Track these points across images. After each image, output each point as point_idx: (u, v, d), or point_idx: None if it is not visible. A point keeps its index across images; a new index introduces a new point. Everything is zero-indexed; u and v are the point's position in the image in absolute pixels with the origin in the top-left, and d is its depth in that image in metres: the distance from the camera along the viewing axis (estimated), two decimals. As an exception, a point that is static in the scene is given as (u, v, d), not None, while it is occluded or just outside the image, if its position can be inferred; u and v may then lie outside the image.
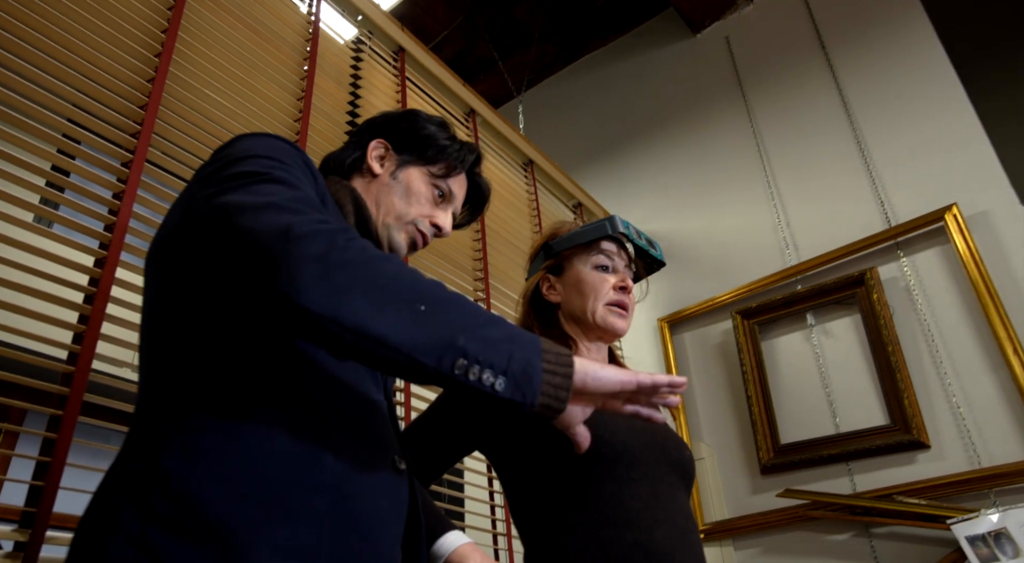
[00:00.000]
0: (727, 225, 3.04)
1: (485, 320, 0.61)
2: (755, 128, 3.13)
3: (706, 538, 2.56)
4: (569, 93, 4.01)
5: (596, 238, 1.17)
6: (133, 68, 1.42)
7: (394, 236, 0.95)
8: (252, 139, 0.76)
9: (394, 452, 0.77)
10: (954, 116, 2.62)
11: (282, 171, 0.69)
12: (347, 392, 0.73)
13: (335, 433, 0.69)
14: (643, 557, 0.92)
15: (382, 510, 0.71)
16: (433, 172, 1.00)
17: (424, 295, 0.59)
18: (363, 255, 0.59)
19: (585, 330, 1.15)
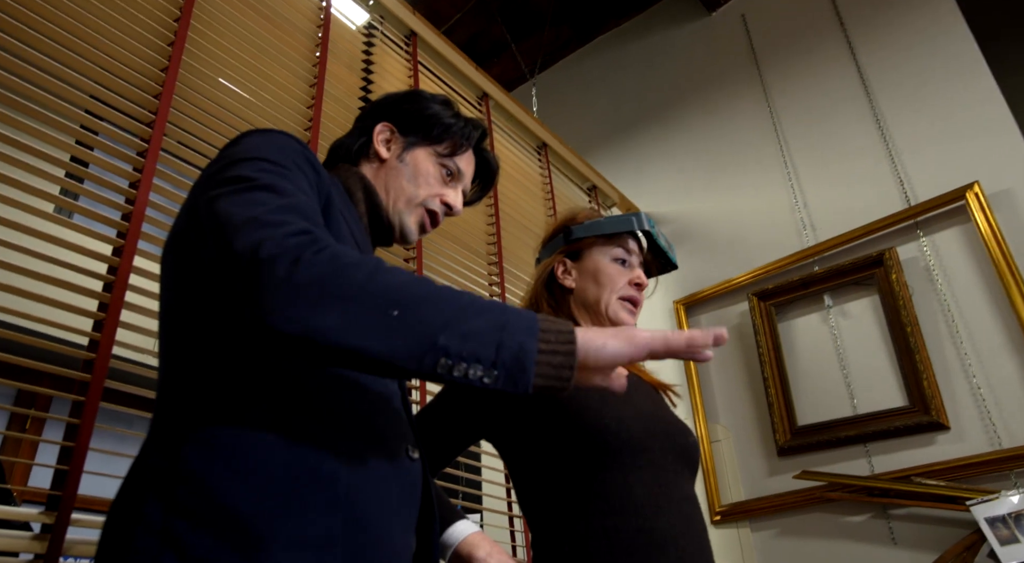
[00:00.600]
0: (743, 206, 3.02)
1: (470, 311, 0.59)
2: (771, 107, 3.09)
3: (723, 519, 2.57)
4: (583, 75, 3.97)
5: (622, 232, 1.19)
6: (147, 58, 1.43)
7: (405, 220, 0.96)
8: (255, 137, 0.77)
9: (407, 441, 0.78)
10: (977, 92, 2.57)
11: (275, 175, 0.69)
12: (358, 383, 0.74)
13: (347, 424, 0.70)
14: (646, 543, 0.94)
15: (394, 499, 0.72)
16: (439, 151, 1.00)
17: (397, 298, 0.58)
18: (331, 266, 0.58)
19: (594, 319, 1.17)
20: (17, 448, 3.07)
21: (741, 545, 2.50)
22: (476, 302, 0.61)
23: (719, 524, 2.58)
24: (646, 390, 1.16)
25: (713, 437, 2.73)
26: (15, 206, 1.12)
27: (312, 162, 0.78)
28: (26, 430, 3.26)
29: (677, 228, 3.20)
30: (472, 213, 2.30)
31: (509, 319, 0.60)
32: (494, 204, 2.40)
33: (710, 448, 2.71)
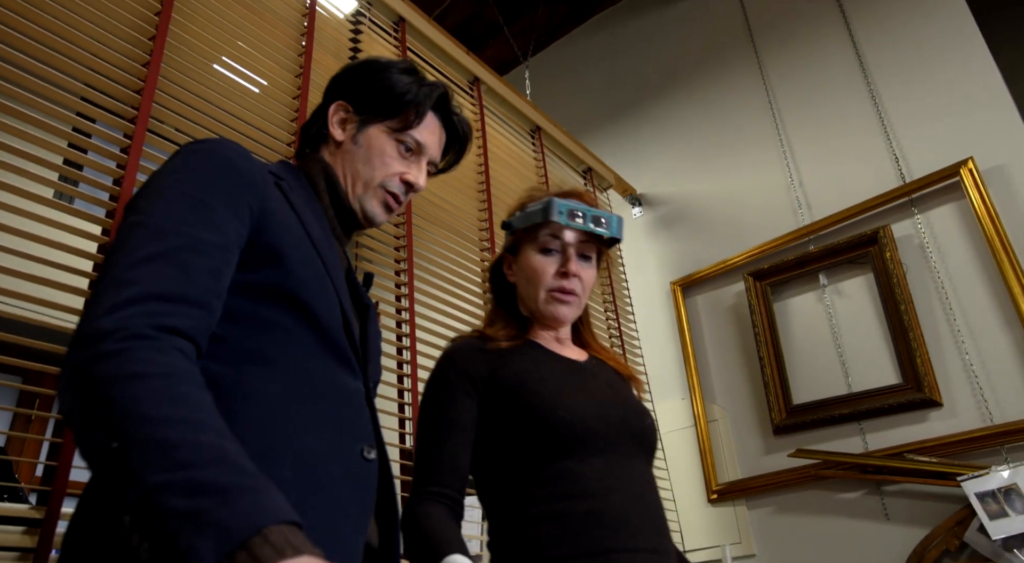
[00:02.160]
0: (739, 186, 3.01)
1: (180, 482, 0.50)
2: (767, 85, 3.07)
3: (719, 498, 2.59)
4: (579, 55, 3.95)
5: (535, 225, 1.13)
6: (128, 52, 1.43)
7: (367, 206, 0.93)
8: (178, 160, 0.75)
9: (364, 441, 0.78)
10: (973, 67, 2.54)
11: (168, 216, 0.68)
12: (316, 382, 0.75)
13: (300, 424, 0.71)
14: (597, 523, 0.95)
15: (344, 500, 0.72)
16: (393, 127, 0.95)
17: (123, 431, 0.53)
18: (108, 373, 0.56)
19: (534, 315, 1.16)
20: (21, 447, 3.12)
21: (738, 523, 2.53)
22: (204, 472, 0.52)
23: (716, 503, 2.60)
24: (607, 376, 1.16)
25: (710, 417, 2.75)
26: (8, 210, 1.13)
27: (243, 175, 0.76)
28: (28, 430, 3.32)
29: (673, 209, 3.19)
30: (464, 199, 2.31)
31: (212, 511, 0.49)
32: (486, 190, 2.40)
33: (707, 428, 2.73)
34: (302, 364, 0.74)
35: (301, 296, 0.75)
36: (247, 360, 0.71)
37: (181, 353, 0.61)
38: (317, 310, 0.77)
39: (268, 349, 0.72)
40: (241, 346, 0.71)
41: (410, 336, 1.86)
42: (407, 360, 1.85)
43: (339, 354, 0.79)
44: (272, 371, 0.71)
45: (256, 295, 0.73)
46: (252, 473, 0.54)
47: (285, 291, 0.74)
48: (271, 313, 0.74)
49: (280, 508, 0.52)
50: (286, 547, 0.49)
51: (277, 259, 0.74)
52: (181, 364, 0.60)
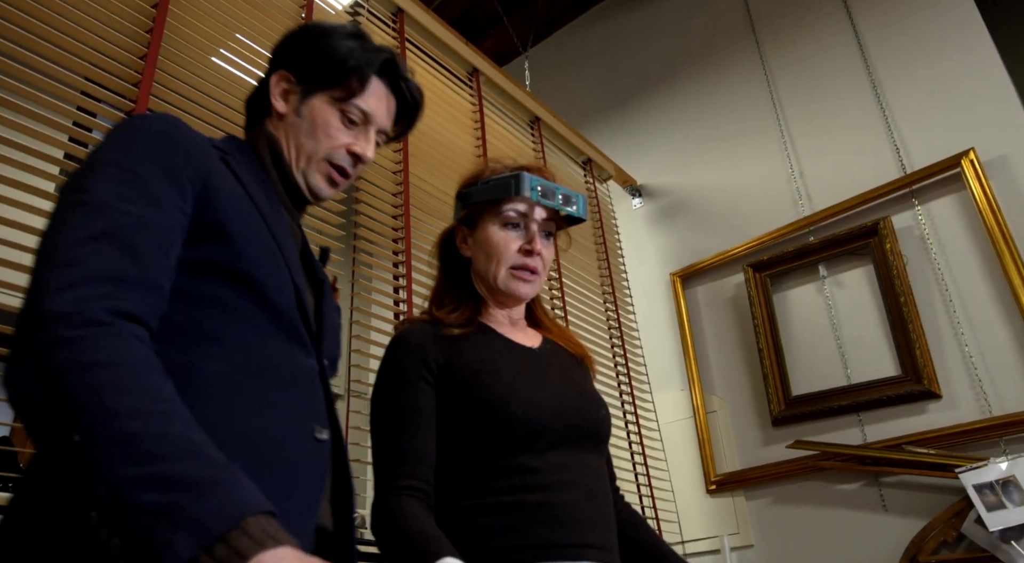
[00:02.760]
0: (740, 177, 3.00)
1: (152, 476, 0.49)
2: (768, 75, 3.05)
3: (718, 489, 2.60)
4: (579, 46, 3.93)
5: (501, 198, 1.08)
6: (125, 45, 1.43)
7: (311, 181, 0.89)
8: (116, 135, 0.73)
9: (315, 421, 0.76)
10: (976, 58, 2.53)
11: (108, 192, 0.65)
12: (268, 359, 0.73)
13: (248, 403, 0.69)
14: (546, 517, 0.93)
15: (292, 482, 0.70)
16: (336, 96, 0.89)
17: (86, 424, 0.51)
18: (66, 361, 0.54)
19: (490, 292, 1.11)
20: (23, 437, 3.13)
21: (736, 514, 2.54)
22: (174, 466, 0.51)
23: (714, 493, 2.61)
24: (561, 363, 1.12)
25: (709, 408, 2.75)
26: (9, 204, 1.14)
27: (182, 149, 0.73)
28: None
29: (673, 200, 3.19)
30: (463, 191, 2.31)
31: (187, 506, 0.48)
32: (485, 181, 2.40)
33: (706, 419, 2.74)
34: (251, 343, 0.72)
35: (249, 272, 0.73)
36: (193, 340, 0.69)
37: (138, 340, 0.59)
38: (266, 286, 0.75)
39: (215, 329, 0.71)
40: (187, 326, 0.69)
41: (409, 328, 1.86)
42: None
43: (291, 331, 0.77)
44: (219, 351, 0.70)
45: (203, 273, 0.71)
46: (223, 464, 0.53)
47: (233, 268, 0.73)
48: (218, 291, 0.72)
49: (255, 499, 0.52)
50: (265, 538, 0.49)
51: (223, 235, 0.72)
52: (140, 352, 0.58)
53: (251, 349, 0.72)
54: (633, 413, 2.63)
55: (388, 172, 2.03)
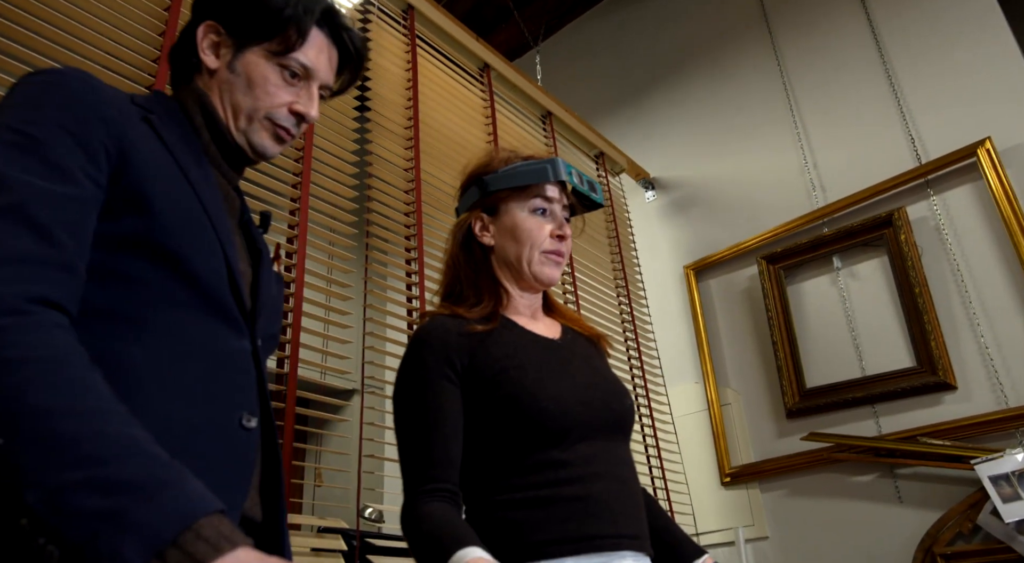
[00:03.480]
0: (753, 169, 2.99)
1: (91, 480, 0.46)
2: (781, 65, 3.03)
3: (733, 481, 2.60)
4: (590, 39, 3.92)
5: (537, 183, 1.09)
6: (139, 49, 1.45)
7: (254, 140, 0.83)
8: (21, 91, 0.66)
9: (244, 408, 0.71)
10: (992, 46, 2.50)
11: (9, 164, 0.59)
12: (197, 340, 0.69)
13: (168, 389, 0.65)
14: (582, 509, 0.94)
15: (215, 472, 0.64)
16: (272, 50, 0.81)
17: (11, 426, 0.47)
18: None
19: (517, 278, 1.11)
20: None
21: (751, 506, 2.54)
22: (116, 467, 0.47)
23: (729, 486, 2.61)
24: (583, 352, 1.12)
25: (723, 400, 2.75)
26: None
27: (93, 109, 0.67)
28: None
29: (686, 193, 3.18)
30: (474, 186, 2.32)
31: (133, 510, 0.45)
32: (497, 176, 2.41)
33: (720, 411, 2.74)
34: (175, 325, 0.67)
35: (173, 247, 0.67)
36: (112, 324, 0.64)
37: (62, 329, 0.54)
38: (192, 261, 0.69)
39: (135, 311, 0.65)
40: (105, 308, 0.64)
41: (422, 324, 1.88)
42: (419, 348, 1.86)
43: (220, 310, 0.71)
44: (140, 335, 0.64)
45: (121, 248, 0.65)
46: (167, 462, 0.50)
47: (155, 242, 0.66)
48: (139, 269, 0.66)
49: (205, 498, 0.48)
50: (220, 540, 0.46)
51: (142, 205, 0.66)
52: (66, 343, 0.53)
53: (175, 332, 0.67)
54: (647, 406, 2.63)
55: (399, 169, 2.04)
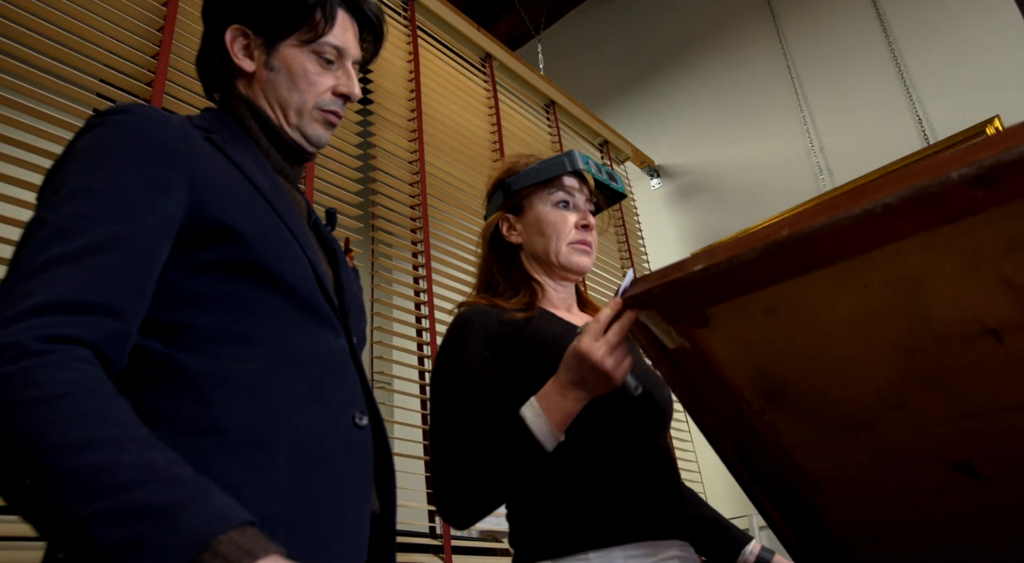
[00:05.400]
0: (759, 154, 2.96)
1: (111, 510, 0.47)
2: (786, 50, 3.00)
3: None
4: (593, 26, 3.89)
5: (556, 175, 1.12)
6: (137, 44, 1.44)
7: (308, 131, 0.84)
8: (95, 135, 0.67)
9: (355, 406, 0.74)
10: (997, 21, 2.47)
11: (73, 212, 0.61)
12: (303, 347, 0.71)
13: (288, 396, 0.67)
14: (631, 499, 0.95)
15: (342, 473, 0.69)
16: (305, 39, 0.82)
17: (33, 465, 0.49)
18: (4, 399, 0.51)
19: (548, 270, 1.13)
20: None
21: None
22: (134, 494, 0.48)
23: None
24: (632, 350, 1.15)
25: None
26: (14, 203, 1.15)
27: (162, 147, 0.68)
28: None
29: (693, 179, 3.15)
30: (479, 178, 2.30)
31: (152, 535, 0.46)
32: (501, 167, 2.39)
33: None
34: (280, 335, 0.70)
35: (264, 262, 0.70)
36: (220, 342, 0.66)
37: (82, 362, 0.55)
38: (284, 272, 0.71)
39: (240, 327, 0.67)
40: (211, 329, 0.66)
41: (430, 319, 1.87)
42: (427, 342, 1.86)
43: (317, 314, 0.74)
44: (249, 349, 0.67)
45: (218, 272, 0.68)
46: (186, 481, 0.50)
47: (247, 262, 0.69)
48: (236, 288, 0.68)
49: (226, 513, 0.49)
50: (239, 555, 0.46)
51: (229, 230, 0.68)
52: (83, 376, 0.54)
53: (283, 343, 0.70)
54: (657, 395, 2.62)
55: (404, 162, 2.02)
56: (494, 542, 2.23)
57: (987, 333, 0.80)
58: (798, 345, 0.89)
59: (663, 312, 0.91)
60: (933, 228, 0.77)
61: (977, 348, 0.82)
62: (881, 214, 0.76)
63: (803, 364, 0.90)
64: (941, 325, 0.82)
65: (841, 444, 0.94)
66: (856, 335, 0.86)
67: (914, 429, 0.89)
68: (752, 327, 0.89)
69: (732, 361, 0.92)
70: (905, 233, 0.78)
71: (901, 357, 0.86)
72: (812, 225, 0.77)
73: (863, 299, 0.84)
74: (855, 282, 0.82)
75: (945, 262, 0.79)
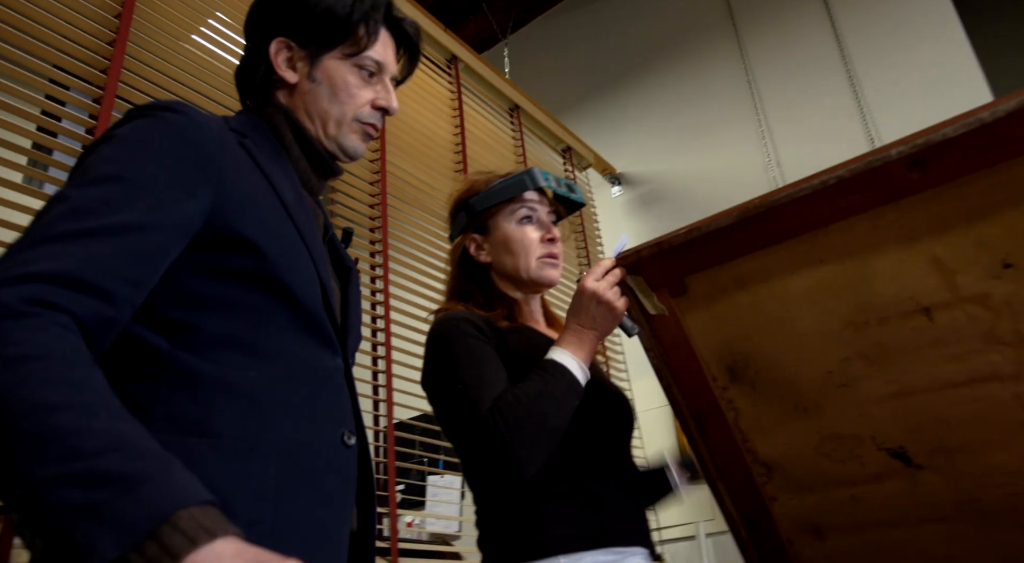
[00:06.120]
0: (718, 166, 3.02)
1: (73, 474, 0.47)
2: (747, 65, 3.06)
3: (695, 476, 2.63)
4: (559, 33, 3.91)
5: (505, 200, 1.14)
6: (93, 30, 1.40)
7: (344, 142, 0.86)
8: (134, 128, 0.68)
9: (344, 426, 0.74)
10: (948, 46, 2.56)
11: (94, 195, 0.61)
12: (302, 362, 0.72)
13: (281, 411, 0.68)
14: (601, 505, 0.98)
15: (328, 493, 0.70)
16: (348, 53, 0.84)
17: (3, 422, 0.48)
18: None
19: (519, 286, 1.15)
20: None
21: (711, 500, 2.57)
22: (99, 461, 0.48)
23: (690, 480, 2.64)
24: None
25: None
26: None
27: (197, 149, 0.69)
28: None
29: (653, 188, 3.20)
30: (441, 179, 2.30)
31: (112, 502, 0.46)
32: (463, 170, 2.39)
33: (683, 406, 2.76)
34: (281, 347, 0.70)
35: (278, 275, 0.70)
36: (224, 348, 0.67)
37: (63, 328, 0.55)
38: (294, 287, 0.72)
39: (245, 335, 0.68)
40: (216, 333, 0.67)
41: (385, 319, 1.86)
42: (382, 342, 1.85)
43: (318, 332, 0.75)
44: (251, 358, 0.68)
45: (229, 279, 0.69)
46: (154, 454, 0.50)
47: (260, 273, 0.70)
48: (247, 297, 0.69)
49: (188, 489, 0.48)
50: (198, 532, 0.45)
51: (246, 242, 0.69)
52: (62, 342, 0.54)
53: (284, 355, 0.70)
54: (611, 401, 2.65)
55: (365, 161, 2.01)
56: (443, 545, 2.22)
57: (920, 311, 0.88)
58: (762, 319, 0.97)
59: (648, 277, 1.01)
60: (879, 206, 0.86)
61: (911, 325, 0.89)
62: (835, 186, 0.86)
63: (764, 339, 0.98)
64: (882, 302, 0.90)
65: (792, 426, 1.00)
66: (811, 310, 0.94)
67: (856, 410, 0.96)
68: (723, 300, 0.98)
69: (703, 333, 1.01)
70: (856, 207, 0.87)
71: (848, 333, 0.93)
72: (778, 196, 0.90)
73: (820, 274, 0.93)
74: (813, 257, 0.92)
75: (888, 241, 0.88)
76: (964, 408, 0.90)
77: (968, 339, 0.88)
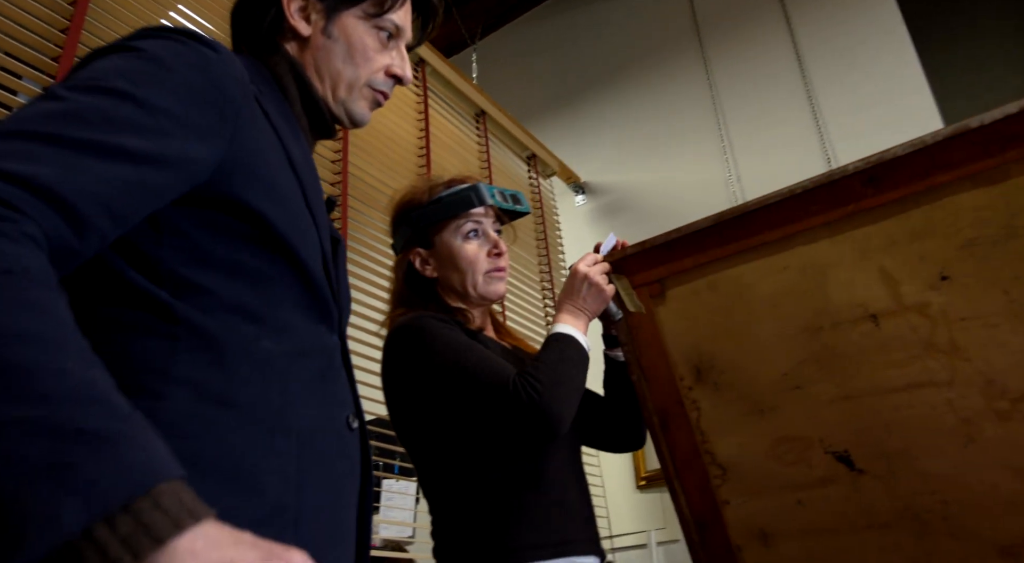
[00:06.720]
0: (679, 179, 3.06)
1: (40, 421, 0.37)
2: (711, 79, 3.12)
3: (648, 485, 2.65)
4: (528, 41, 3.93)
5: (465, 210, 1.13)
6: (45, 16, 1.36)
7: (353, 108, 0.80)
8: (158, 45, 0.60)
9: (348, 409, 0.70)
10: (900, 69, 2.66)
11: (95, 106, 0.53)
12: (309, 338, 0.67)
13: (296, 389, 0.63)
14: (559, 514, 0.99)
15: (337, 475, 0.66)
16: (369, 12, 0.78)
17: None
18: None
19: (466, 302, 1.15)
20: None
21: (664, 509, 2.59)
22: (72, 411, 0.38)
23: (644, 489, 2.66)
24: None
25: (643, 404, 2.80)
26: None
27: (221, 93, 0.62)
28: None
29: (616, 198, 3.22)
30: (404, 182, 2.28)
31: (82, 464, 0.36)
32: (427, 174, 2.38)
33: (639, 415, 2.78)
34: (288, 320, 0.64)
35: (290, 241, 0.65)
36: (238, 316, 0.60)
37: (33, 242, 0.45)
38: (303, 255, 0.66)
39: (257, 305, 0.62)
40: (227, 298, 0.60)
41: (343, 320, 1.84)
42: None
43: (321, 305, 0.69)
44: (260, 328, 0.61)
45: (238, 239, 0.62)
46: (128, 414, 0.41)
47: (270, 237, 0.64)
48: (258, 262, 0.63)
49: (166, 461, 0.40)
50: (182, 513, 0.37)
51: (262, 203, 0.63)
52: (33, 259, 0.44)
53: (291, 330, 0.64)
54: (568, 408, 2.65)
55: (327, 162, 1.99)
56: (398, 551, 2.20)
57: (868, 317, 0.97)
58: (729, 321, 1.06)
59: (631, 275, 1.13)
60: (838, 219, 0.97)
61: (859, 331, 0.97)
62: (801, 195, 0.99)
63: (729, 341, 1.06)
64: (836, 308, 0.99)
65: (749, 428, 1.06)
66: (773, 314, 1.03)
67: (807, 413, 1.03)
68: (696, 302, 1.08)
69: (674, 333, 1.10)
70: (817, 216, 0.99)
71: (803, 337, 1.01)
72: (751, 204, 1.03)
73: (783, 280, 1.03)
74: (779, 264, 1.02)
75: (844, 252, 0.98)
76: (903, 413, 0.95)
77: (909, 345, 0.95)
